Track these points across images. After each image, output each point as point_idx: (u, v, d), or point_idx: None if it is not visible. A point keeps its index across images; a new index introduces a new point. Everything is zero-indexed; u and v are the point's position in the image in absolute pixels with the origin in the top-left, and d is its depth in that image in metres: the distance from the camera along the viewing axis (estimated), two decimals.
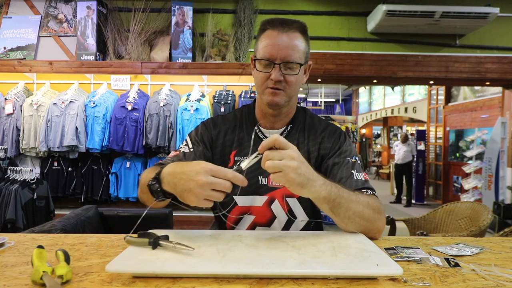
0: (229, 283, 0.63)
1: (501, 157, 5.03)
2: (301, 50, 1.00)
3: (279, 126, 1.12)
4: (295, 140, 1.10)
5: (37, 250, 0.69)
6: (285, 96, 1.02)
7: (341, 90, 13.56)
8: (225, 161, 1.10)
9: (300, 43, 1.00)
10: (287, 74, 0.99)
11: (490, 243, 0.93)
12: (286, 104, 1.05)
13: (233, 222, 1.09)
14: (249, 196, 1.07)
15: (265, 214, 1.07)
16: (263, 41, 1.01)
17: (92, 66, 3.62)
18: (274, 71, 0.98)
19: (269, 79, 1.00)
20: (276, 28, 0.99)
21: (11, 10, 3.95)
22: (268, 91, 1.01)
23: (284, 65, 0.99)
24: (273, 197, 1.07)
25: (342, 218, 0.88)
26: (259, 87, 1.04)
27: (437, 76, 4.03)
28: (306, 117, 1.16)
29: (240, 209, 1.08)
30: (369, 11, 3.93)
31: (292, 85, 1.02)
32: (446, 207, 2.74)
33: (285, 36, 0.98)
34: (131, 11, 3.77)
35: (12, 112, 3.55)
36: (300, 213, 1.08)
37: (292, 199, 1.07)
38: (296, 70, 1.00)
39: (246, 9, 3.84)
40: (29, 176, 2.64)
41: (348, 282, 0.64)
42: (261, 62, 1.00)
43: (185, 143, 1.14)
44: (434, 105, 8.12)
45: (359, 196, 0.91)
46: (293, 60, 0.98)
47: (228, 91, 3.71)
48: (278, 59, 0.98)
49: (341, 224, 0.91)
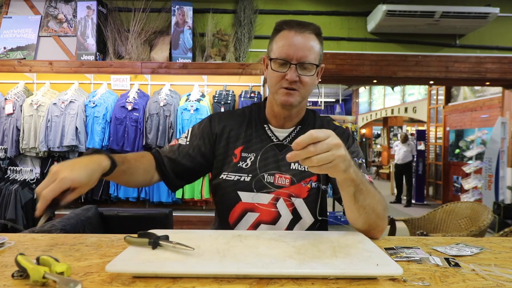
0: (229, 283, 0.63)
1: (501, 157, 5.03)
2: (316, 52, 1.01)
3: (289, 126, 1.12)
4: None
5: (20, 256, 0.66)
6: (299, 96, 1.02)
7: (341, 90, 13.56)
8: (229, 156, 1.10)
9: (315, 45, 1.01)
10: (302, 74, 0.99)
11: (490, 243, 0.93)
12: (298, 105, 1.05)
13: (236, 218, 1.08)
14: (254, 193, 1.06)
15: (270, 212, 1.06)
16: (279, 42, 1.00)
17: (92, 66, 3.62)
18: (290, 71, 0.98)
19: (283, 79, 1.00)
20: (293, 28, 0.99)
21: (11, 10, 3.95)
22: (282, 91, 1.01)
23: (300, 65, 0.99)
24: (279, 196, 1.06)
25: (359, 206, 0.87)
26: (273, 86, 1.04)
27: (437, 76, 4.03)
28: (316, 119, 1.17)
29: (244, 206, 1.07)
30: (369, 11, 3.93)
31: (307, 86, 1.02)
32: (446, 207, 2.74)
33: (302, 37, 0.99)
34: (131, 11, 3.77)
35: (12, 112, 3.55)
36: (305, 213, 1.08)
37: (297, 199, 1.06)
38: (312, 71, 1.01)
39: (246, 9, 3.84)
40: (29, 176, 2.65)
41: (348, 282, 0.64)
42: (277, 61, 1.00)
43: (186, 134, 1.16)
44: (434, 105, 8.12)
45: (375, 190, 0.92)
46: (309, 61, 0.99)
47: (228, 91, 3.71)
48: (294, 59, 0.98)
49: (354, 214, 0.90)
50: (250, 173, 1.06)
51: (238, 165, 1.08)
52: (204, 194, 3.60)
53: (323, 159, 0.72)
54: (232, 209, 1.08)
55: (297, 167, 1.08)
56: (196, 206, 3.80)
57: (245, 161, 1.08)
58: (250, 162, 1.07)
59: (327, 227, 1.16)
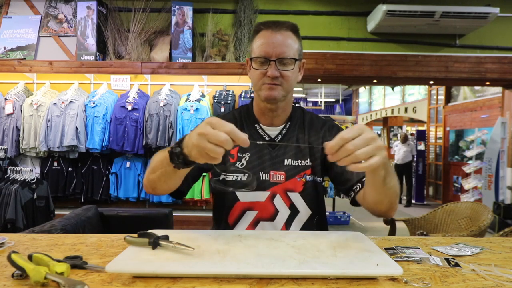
0: (229, 283, 0.63)
1: (501, 157, 5.03)
2: (295, 47, 1.05)
3: (278, 123, 1.14)
4: (294, 136, 1.14)
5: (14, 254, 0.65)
6: (282, 90, 1.05)
7: (341, 90, 13.56)
8: (226, 155, 1.12)
9: (292, 41, 1.05)
10: (283, 69, 1.03)
11: (490, 243, 0.93)
12: (283, 99, 1.08)
13: (235, 218, 1.10)
14: (251, 192, 1.08)
15: (268, 209, 1.08)
16: (258, 41, 1.05)
17: (92, 66, 3.62)
18: (270, 68, 1.03)
19: (265, 76, 1.04)
20: (270, 27, 1.05)
21: (11, 10, 3.95)
22: (265, 86, 1.05)
23: (279, 61, 1.03)
24: (275, 192, 1.08)
25: (387, 188, 0.88)
26: (256, 84, 1.08)
27: (437, 76, 4.03)
28: (304, 115, 1.20)
29: (242, 205, 1.09)
30: (369, 11, 3.93)
31: (289, 80, 1.05)
32: (446, 207, 2.74)
33: (279, 35, 1.03)
34: (131, 11, 3.77)
35: (12, 112, 3.55)
36: (302, 207, 1.10)
37: (294, 194, 1.09)
38: (291, 65, 1.04)
39: (246, 9, 3.84)
40: (29, 176, 2.64)
41: (348, 282, 0.64)
42: (257, 60, 1.05)
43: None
44: (434, 105, 8.12)
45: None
46: (287, 56, 1.03)
47: (228, 91, 3.71)
48: (273, 55, 1.02)
49: (381, 197, 0.91)
50: (245, 173, 1.09)
51: (236, 165, 1.10)
52: (204, 194, 3.60)
53: (365, 152, 0.72)
54: (231, 209, 1.10)
55: (291, 163, 1.10)
56: (196, 206, 3.80)
57: (240, 161, 1.10)
58: (245, 162, 1.10)
59: (326, 220, 1.18)
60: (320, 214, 1.14)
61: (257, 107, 1.15)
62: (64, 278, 0.60)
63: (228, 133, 0.70)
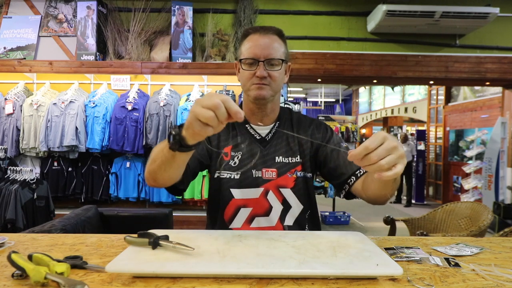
0: (229, 283, 0.63)
1: (501, 157, 5.03)
2: (281, 50, 1.12)
3: (268, 122, 1.19)
4: (284, 135, 1.18)
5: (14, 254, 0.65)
6: (270, 90, 1.10)
7: (341, 90, 13.56)
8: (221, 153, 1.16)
9: (279, 44, 1.12)
10: (270, 70, 1.09)
11: (490, 243, 0.93)
12: (271, 99, 1.13)
13: (230, 215, 1.13)
14: (245, 189, 1.12)
15: (263, 205, 1.12)
16: (247, 44, 1.12)
17: (92, 66, 3.62)
18: (259, 68, 1.08)
19: (254, 76, 1.09)
20: (257, 32, 1.11)
21: (11, 10, 3.95)
22: (254, 86, 1.10)
23: (267, 62, 1.08)
24: (268, 189, 1.13)
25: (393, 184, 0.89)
26: (245, 85, 1.13)
27: (437, 76, 4.03)
28: (292, 115, 1.25)
29: (237, 202, 1.12)
30: (369, 11, 3.93)
31: (276, 80, 1.10)
32: (446, 207, 2.74)
33: (266, 38, 1.10)
34: (131, 11, 3.77)
35: (12, 112, 3.55)
36: (294, 202, 1.14)
37: (285, 189, 1.14)
38: (279, 66, 1.10)
39: (246, 9, 3.84)
40: (29, 176, 2.64)
41: (348, 282, 0.64)
42: (246, 61, 1.10)
43: None
44: (434, 105, 8.12)
45: None
46: (275, 57, 1.09)
47: (228, 91, 3.71)
48: (262, 57, 1.08)
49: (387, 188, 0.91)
50: (238, 170, 1.13)
51: (229, 163, 1.14)
52: (204, 194, 3.60)
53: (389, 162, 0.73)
54: (226, 206, 1.13)
55: (282, 160, 1.15)
56: (196, 206, 3.80)
57: (233, 160, 1.15)
58: (238, 160, 1.15)
59: (318, 215, 1.22)
60: (312, 209, 1.19)
61: (246, 108, 1.19)
62: (64, 278, 0.60)
63: (222, 101, 0.71)
